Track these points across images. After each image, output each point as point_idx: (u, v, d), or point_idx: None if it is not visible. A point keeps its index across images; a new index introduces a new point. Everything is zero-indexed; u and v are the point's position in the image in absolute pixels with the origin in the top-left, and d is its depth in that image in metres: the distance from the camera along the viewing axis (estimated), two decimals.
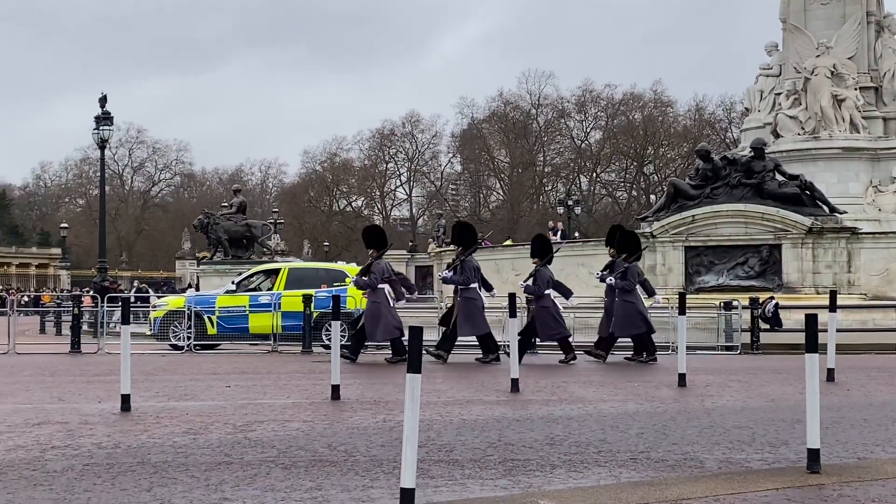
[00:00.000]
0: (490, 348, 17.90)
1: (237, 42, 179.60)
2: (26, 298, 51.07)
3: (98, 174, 66.22)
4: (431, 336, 19.24)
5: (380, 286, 17.64)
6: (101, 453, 8.16)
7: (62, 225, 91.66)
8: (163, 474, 7.28)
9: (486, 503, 6.44)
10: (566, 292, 18.41)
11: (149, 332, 23.51)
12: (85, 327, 24.51)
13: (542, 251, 18.37)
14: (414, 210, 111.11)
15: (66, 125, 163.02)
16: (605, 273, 18.81)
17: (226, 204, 47.70)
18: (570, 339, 18.49)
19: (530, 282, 18.03)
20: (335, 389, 12.01)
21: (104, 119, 35.19)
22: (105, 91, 35.39)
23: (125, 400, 10.90)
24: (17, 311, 24.37)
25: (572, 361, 17.78)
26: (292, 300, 21.65)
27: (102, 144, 35.97)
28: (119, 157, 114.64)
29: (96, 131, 35.37)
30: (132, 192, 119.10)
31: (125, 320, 11.88)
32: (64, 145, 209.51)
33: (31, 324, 32.67)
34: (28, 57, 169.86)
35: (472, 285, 17.61)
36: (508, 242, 44.39)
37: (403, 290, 18.13)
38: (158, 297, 28.45)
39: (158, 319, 22.99)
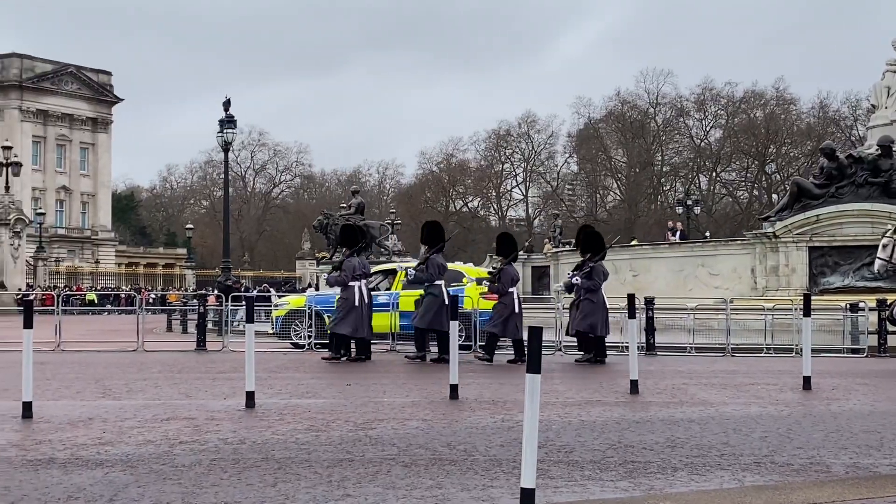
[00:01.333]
0: (441, 349, 18.17)
1: (359, 45, 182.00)
2: (153, 297, 52.54)
3: (222, 176, 67.72)
4: (548, 336, 19.16)
5: (351, 283, 18.09)
6: (227, 448, 8.36)
7: (187, 226, 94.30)
8: (287, 470, 7.42)
9: None
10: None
11: (271, 331, 23.94)
12: (210, 326, 25.07)
13: (507, 250, 18.70)
14: (530, 210, 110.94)
15: (191, 129, 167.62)
16: (574, 273, 18.87)
17: (344, 205, 48.31)
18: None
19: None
20: (454, 389, 12.06)
21: (228, 122, 35.98)
22: (229, 95, 36.18)
23: (250, 397, 11.14)
24: (145, 309, 25.11)
25: (521, 363, 17.70)
26: (410, 300, 21.80)
27: (226, 147, 36.78)
28: (242, 160, 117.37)
29: (220, 134, 36.18)
30: (254, 194, 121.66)
31: (249, 319, 12.12)
32: (189, 148, 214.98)
33: (159, 322, 33.60)
34: (158, 62, 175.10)
35: (437, 282, 18.09)
36: (634, 243, 43.91)
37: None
38: (279, 297, 28.95)
39: (280, 318, 23.42)
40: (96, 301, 61.20)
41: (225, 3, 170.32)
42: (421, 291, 21.48)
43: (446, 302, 17.56)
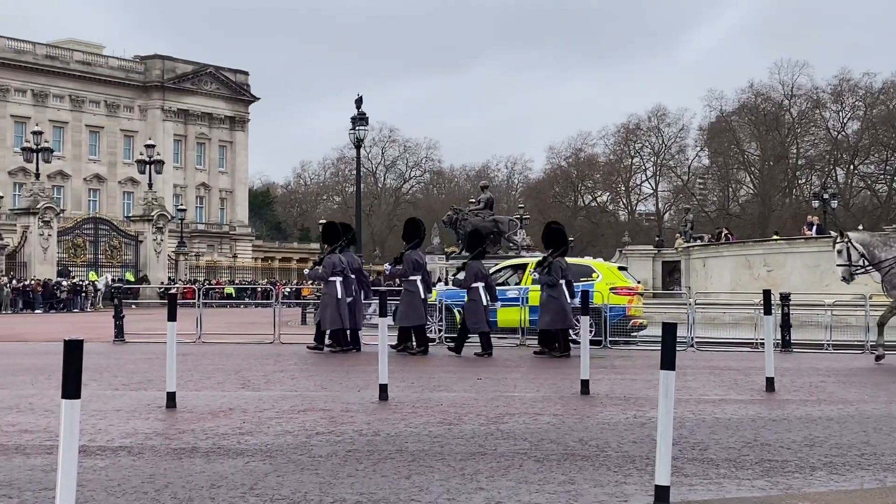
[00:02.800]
0: (420, 342, 18.73)
1: (489, 42, 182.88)
2: (288, 291, 53.60)
3: (353, 172, 68.56)
4: (681, 332, 18.88)
5: (331, 279, 18.83)
6: (361, 440, 8.47)
7: (320, 221, 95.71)
8: (420, 462, 7.48)
9: (744, 503, 6.26)
10: (493, 295, 19.15)
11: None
12: None
13: (473, 245, 19.35)
14: (660, 205, 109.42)
15: (324, 126, 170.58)
16: (537, 269, 19.21)
17: (473, 200, 48.48)
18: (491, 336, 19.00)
19: (460, 276, 19.23)
20: (585, 384, 11.99)
21: (360, 119, 36.43)
22: (361, 93, 36.63)
23: (383, 389, 11.27)
24: (281, 302, 25.65)
25: (487, 356, 17.95)
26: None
27: (358, 144, 37.26)
28: (373, 156, 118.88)
29: (352, 131, 36.66)
30: (385, 190, 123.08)
31: (382, 313, 12.26)
32: (322, 145, 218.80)
33: (294, 315, 34.27)
34: (293, 62, 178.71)
35: (412, 278, 18.64)
36: (776, 237, 42.87)
37: (358, 287, 19.55)
38: None
39: None
40: (234, 294, 62.81)
41: (358, 3, 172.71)
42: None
43: (422, 296, 18.58)
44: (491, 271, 24.39)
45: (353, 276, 19.38)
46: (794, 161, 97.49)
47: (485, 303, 18.69)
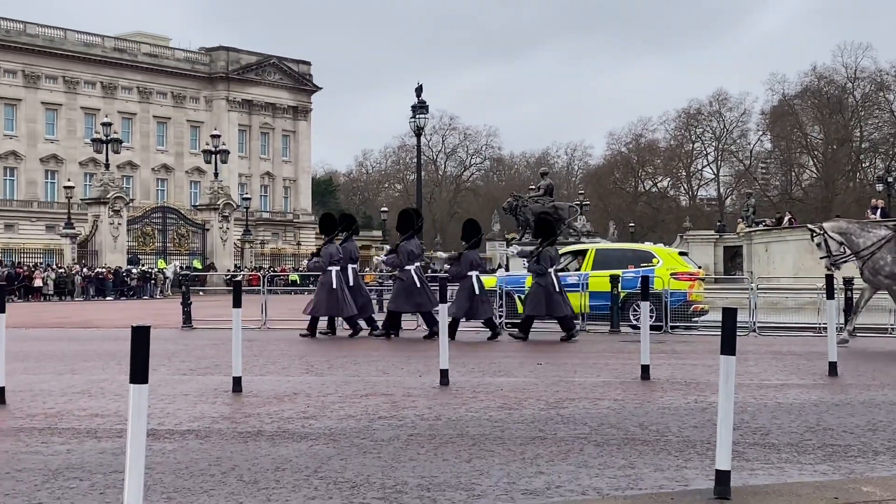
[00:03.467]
0: (391, 326, 19.52)
1: (549, 29, 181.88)
2: None
3: (414, 160, 68.76)
4: (743, 317, 18.66)
5: (329, 268, 19.50)
6: (423, 424, 8.50)
7: (382, 209, 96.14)
8: (481, 446, 7.49)
9: (806, 488, 6.18)
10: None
11: None
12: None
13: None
14: (721, 190, 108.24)
15: (385, 115, 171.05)
16: (528, 259, 19.84)
17: (533, 186, 48.31)
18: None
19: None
20: (645, 369, 11.91)
21: (420, 108, 36.50)
22: (421, 81, 36.69)
23: (443, 375, 11.29)
24: None
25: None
26: (599, 280, 21.65)
27: (418, 132, 37.35)
28: (433, 144, 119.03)
29: (413, 119, 36.75)
30: (445, 177, 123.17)
31: (442, 299, 12.28)
32: (384, 134, 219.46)
33: None
34: (354, 51, 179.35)
35: (407, 267, 19.24)
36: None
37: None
38: None
39: None
40: (298, 281, 63.28)
41: None
42: (608, 273, 21.43)
43: (418, 285, 19.11)
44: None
45: (356, 265, 20.22)
46: (858, 144, 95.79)
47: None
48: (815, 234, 17.90)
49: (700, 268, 25.96)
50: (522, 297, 22.51)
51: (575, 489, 6.14)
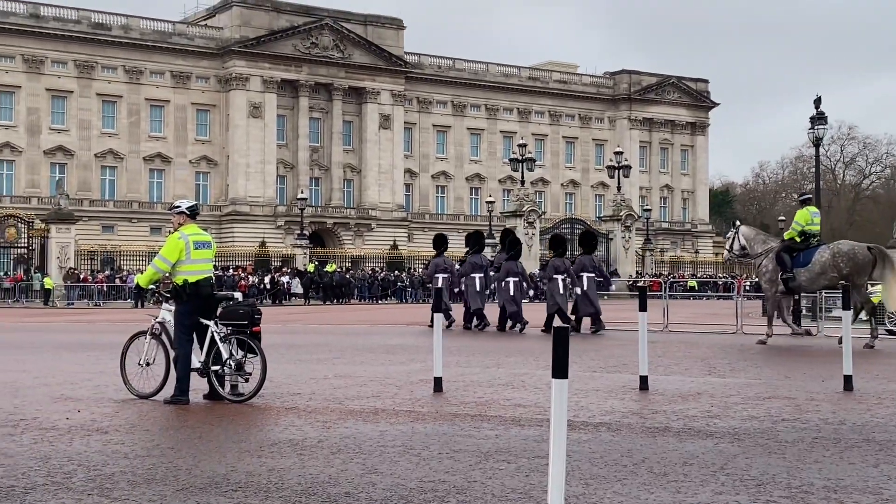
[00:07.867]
0: (476, 320, 22.75)
1: None
2: (749, 285, 52.00)
3: (811, 170, 65.24)
4: None
5: (436, 275, 23.17)
6: (827, 428, 8.07)
7: (780, 218, 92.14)
8: (888, 452, 7.00)
9: None
10: None
11: (864, 318, 22.58)
12: (803, 311, 24.38)
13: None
14: None
15: (782, 127, 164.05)
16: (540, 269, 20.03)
17: None
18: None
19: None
20: None
21: (818, 119, 34.60)
22: (819, 93, 34.88)
23: (847, 380, 10.65)
24: (743, 295, 25.02)
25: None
26: None
27: (817, 142, 35.39)
28: (831, 154, 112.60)
29: (811, 130, 34.90)
30: (843, 186, 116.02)
31: (845, 306, 11.59)
32: (780, 145, 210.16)
33: (754, 307, 33.25)
34: (752, 67, 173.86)
35: (473, 275, 22.77)
36: None
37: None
38: (871, 285, 27.18)
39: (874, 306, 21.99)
40: (696, 287, 62.24)
41: (820, 3, 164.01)
42: None
43: (478, 289, 22.67)
44: None
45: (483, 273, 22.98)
46: None
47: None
48: (731, 229, 19.36)
49: None
50: None
51: None
